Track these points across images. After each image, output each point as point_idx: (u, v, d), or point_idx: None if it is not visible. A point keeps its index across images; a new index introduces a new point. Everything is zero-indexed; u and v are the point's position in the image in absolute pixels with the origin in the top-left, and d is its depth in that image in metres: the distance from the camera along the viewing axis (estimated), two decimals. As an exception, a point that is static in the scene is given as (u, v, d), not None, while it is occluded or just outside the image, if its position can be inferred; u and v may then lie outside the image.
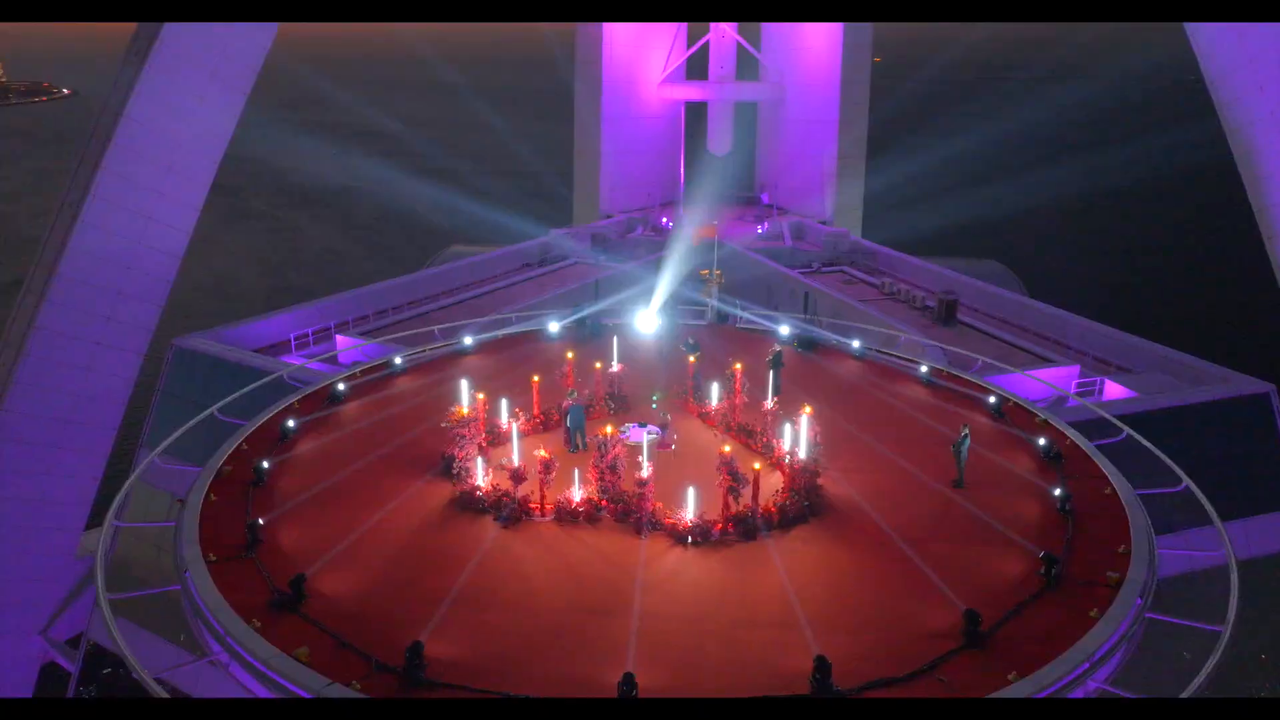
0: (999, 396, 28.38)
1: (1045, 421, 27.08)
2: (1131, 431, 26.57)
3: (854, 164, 67.46)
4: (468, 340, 32.24)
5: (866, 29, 64.78)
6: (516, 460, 22.30)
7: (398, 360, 30.68)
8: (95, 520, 45.42)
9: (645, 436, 22.86)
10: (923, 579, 19.50)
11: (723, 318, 36.09)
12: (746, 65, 71.37)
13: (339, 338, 44.40)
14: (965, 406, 28.32)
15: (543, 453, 22.09)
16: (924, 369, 30.40)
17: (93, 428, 45.63)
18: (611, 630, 17.95)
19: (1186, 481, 23.65)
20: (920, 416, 27.44)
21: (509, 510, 21.82)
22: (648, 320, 34.08)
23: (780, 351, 28.32)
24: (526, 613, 18.67)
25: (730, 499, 21.23)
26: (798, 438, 22.77)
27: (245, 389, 28.96)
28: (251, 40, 47.80)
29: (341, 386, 28.40)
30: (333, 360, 40.73)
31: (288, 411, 27.04)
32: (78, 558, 45.90)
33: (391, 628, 17.83)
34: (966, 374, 30.68)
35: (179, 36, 44.69)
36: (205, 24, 45.59)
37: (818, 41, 66.59)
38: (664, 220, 64.12)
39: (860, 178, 68.27)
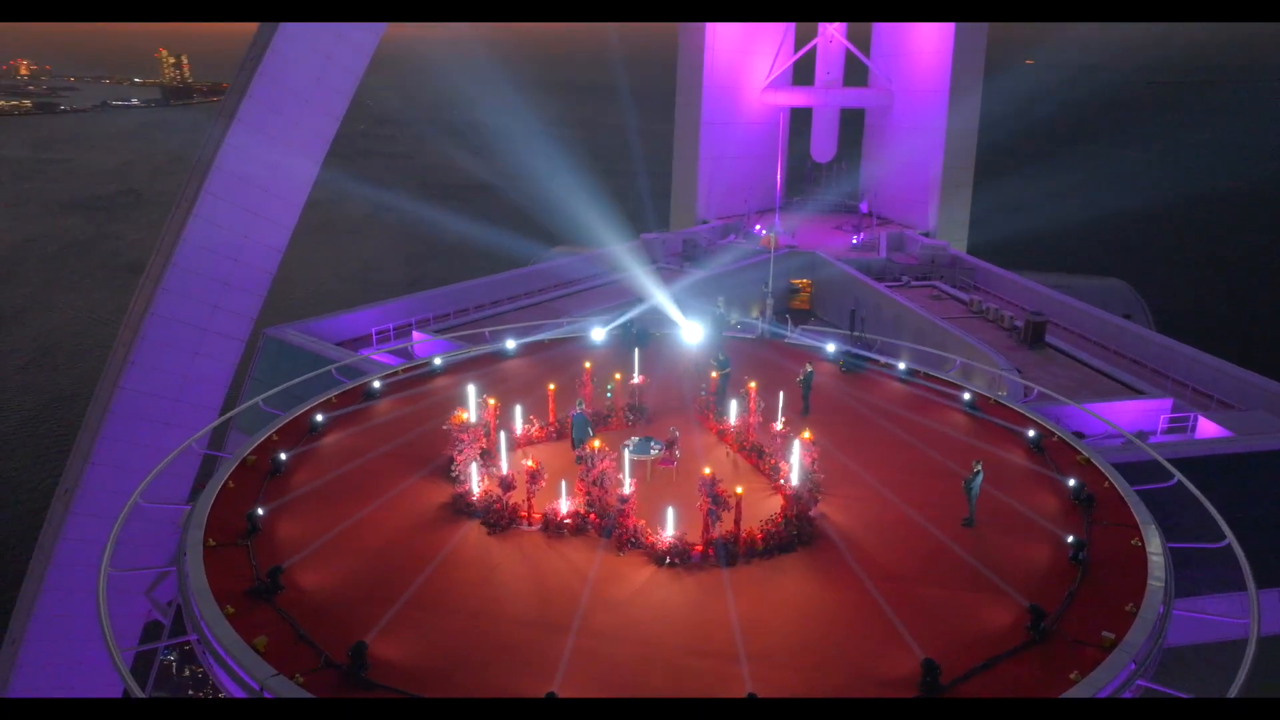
0: (1040, 430, 26.64)
1: (1086, 460, 25.21)
2: (1182, 477, 24.42)
3: (961, 174, 64.67)
4: (510, 344, 32.82)
5: (980, 32, 61.92)
6: (505, 468, 22.58)
7: (437, 361, 31.57)
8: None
9: (629, 453, 22.56)
10: (892, 622, 18.54)
11: (775, 333, 35.28)
12: (853, 71, 69.53)
13: (415, 334, 46.09)
14: (1002, 439, 26.74)
15: (529, 462, 22.28)
16: (966, 396, 28.85)
17: (197, 408, 49.04)
18: (559, 646, 17.90)
19: (1229, 538, 21.54)
20: (950, 447, 26.04)
21: (496, 517, 22.14)
22: (693, 331, 33.77)
23: (811, 372, 27.53)
24: (484, 621, 18.87)
25: (709, 522, 20.82)
26: (791, 463, 22.07)
27: (292, 381, 30.51)
28: (354, 47, 50.32)
29: (377, 384, 29.46)
30: (405, 354, 42.52)
31: (324, 406, 28.32)
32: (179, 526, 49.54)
33: (352, 624, 18.38)
34: (1014, 403, 28.91)
35: (289, 39, 47.35)
36: (313, 27, 48.28)
37: (929, 45, 64.18)
38: (756, 228, 63.31)
39: (968, 188, 65.37)
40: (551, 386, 26.75)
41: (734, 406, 26.48)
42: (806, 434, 22.61)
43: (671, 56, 68.61)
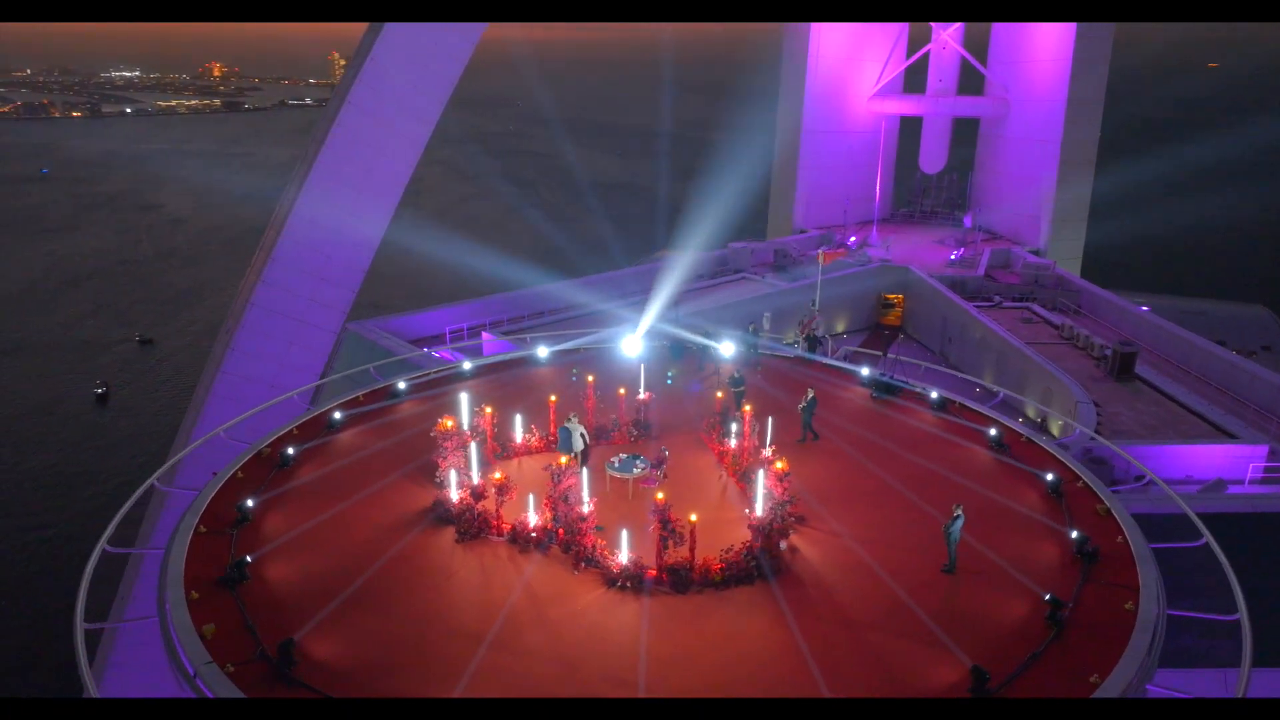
0: (1065, 473, 24.71)
1: (1106, 510, 23.21)
2: (1210, 538, 22.09)
3: (1077, 188, 60.58)
4: (541, 352, 33.23)
5: (1105, 38, 57.79)
6: (476, 478, 22.94)
7: (466, 365, 32.36)
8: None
9: (611, 470, 22.47)
10: (827, 671, 17.66)
11: (810, 355, 34.19)
12: (969, 78, 66.34)
13: (484, 334, 47.37)
14: (1019, 480, 24.97)
15: (498, 475, 22.55)
16: (993, 431, 27.09)
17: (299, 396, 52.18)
18: (474, 659, 18.05)
19: (1240, 612, 19.36)
20: (957, 486, 24.51)
21: (466, 526, 22.54)
22: (727, 346, 33.22)
23: (814, 398, 26.58)
24: (416, 627, 19.19)
25: (660, 547, 20.47)
26: (756, 492, 21.40)
27: (328, 378, 32.00)
28: (453, 50, 52.17)
29: (402, 385, 30.47)
30: (472, 353, 43.80)
31: (351, 403, 29.57)
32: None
33: (298, 619, 19.16)
34: (1044, 441, 26.90)
35: (391, 41, 49.53)
36: (414, 32, 50.34)
37: (1049, 51, 60.42)
38: (851, 240, 61.40)
39: (1085, 204, 61.16)
40: (553, 398, 26.94)
41: (733, 428, 25.90)
42: (779, 464, 21.87)
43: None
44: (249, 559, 20.84)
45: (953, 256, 59.16)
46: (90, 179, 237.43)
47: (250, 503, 23.18)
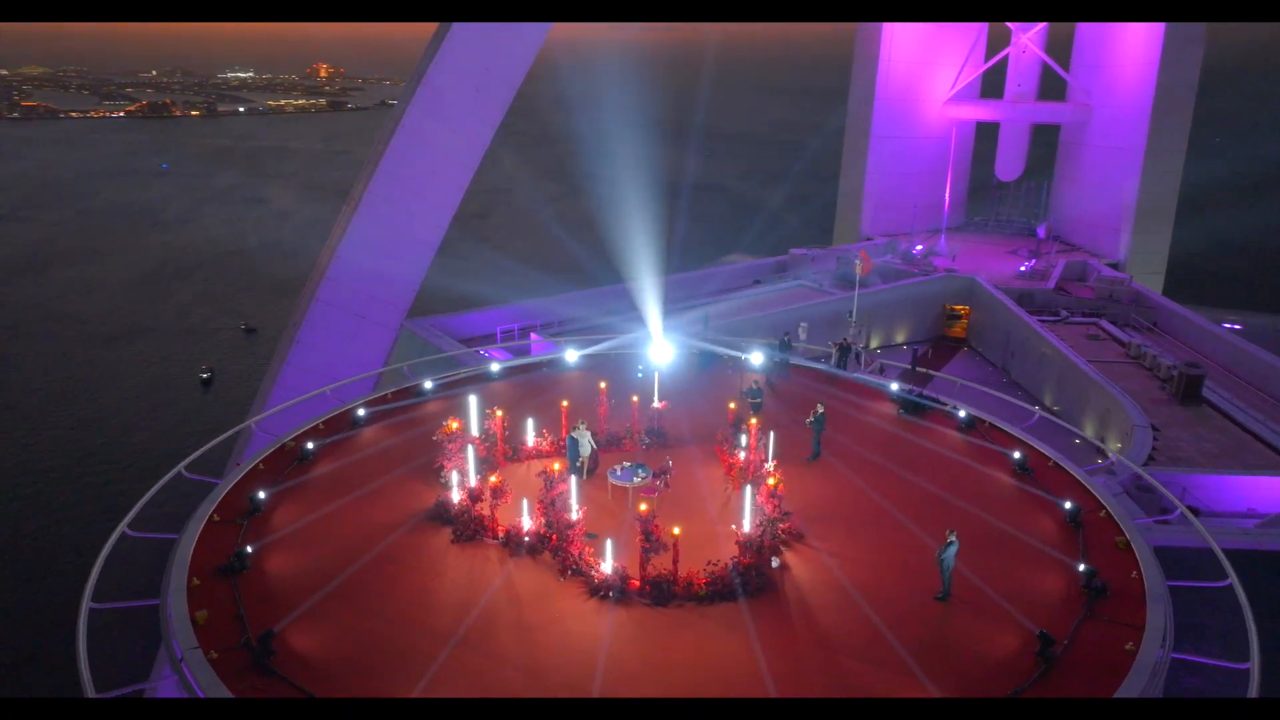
0: (1088, 503, 23.54)
1: (1125, 543, 22.02)
2: (1234, 578, 20.73)
3: (1162, 200, 57.65)
4: (569, 357, 33.38)
5: (1196, 42, 54.77)
6: (473, 480, 23.23)
7: (495, 367, 32.79)
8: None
9: (613, 478, 22.43)
10: (791, 696, 17.26)
11: (840, 368, 33.42)
12: (1050, 84, 63.78)
13: (533, 335, 47.91)
14: (1036, 507, 23.91)
15: (494, 479, 22.78)
16: (1016, 455, 26.00)
17: (350, 388, 53.89)
18: (445, 662, 18.28)
19: (1252, 661, 18.11)
20: (965, 511, 23.62)
21: (463, 528, 22.85)
22: (757, 356, 32.76)
23: (823, 413, 25.97)
24: (400, 625, 19.56)
25: (642, 559, 20.36)
26: (744, 507, 21.06)
27: (362, 375, 32.88)
28: (514, 59, 52.93)
29: (429, 385, 31.09)
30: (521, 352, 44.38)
31: (378, 401, 30.35)
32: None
33: (286, 610, 19.78)
34: (1071, 467, 25.65)
35: (455, 47, 50.48)
36: (477, 40, 51.21)
37: (1136, 56, 57.62)
38: (916, 248, 59.76)
39: (1169, 216, 58.06)
40: (565, 403, 27.05)
41: (742, 440, 25.55)
42: (771, 480, 21.48)
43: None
44: (249, 549, 21.60)
45: (1023, 268, 56.97)
46: (205, 174, 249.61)
47: (262, 494, 24.00)
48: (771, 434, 24.40)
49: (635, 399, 27.61)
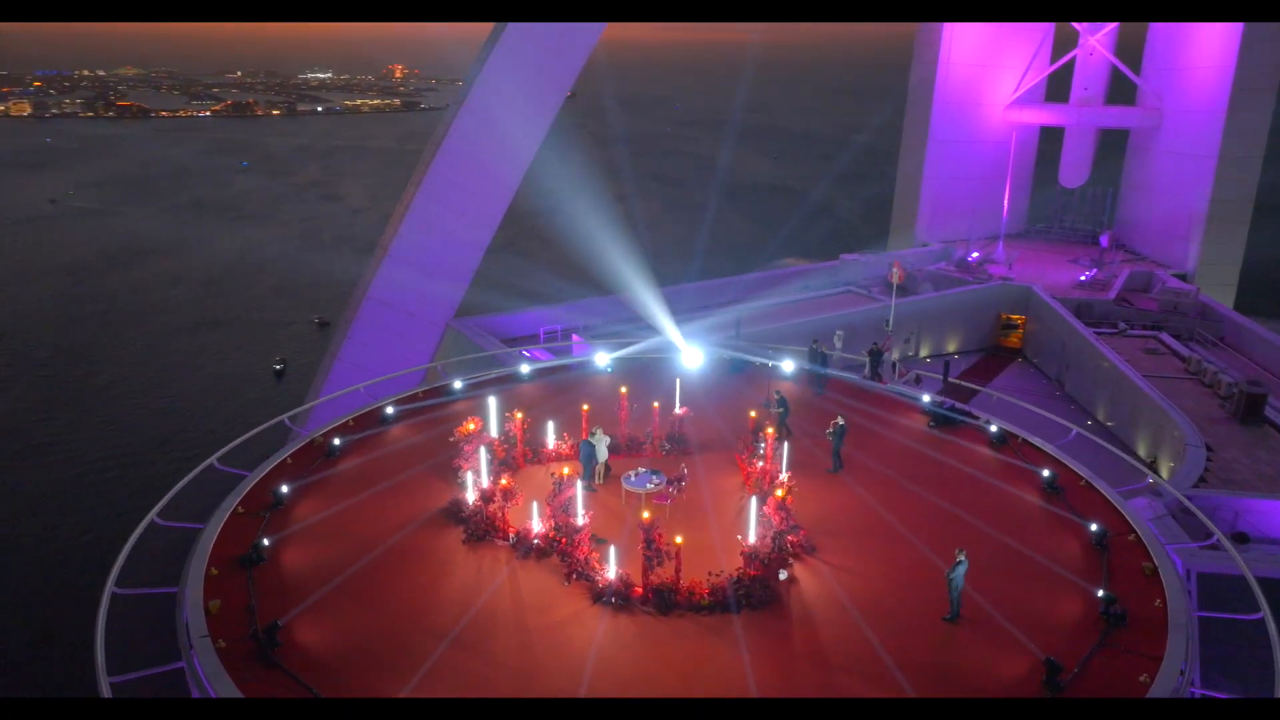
0: (1116, 526, 22.66)
1: (1153, 570, 21.12)
2: (1268, 613, 19.69)
3: (1235, 209, 55.09)
4: (600, 361, 33.40)
5: (1275, 45, 52.21)
6: (485, 481, 23.43)
7: (524, 369, 33.02)
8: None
9: (627, 484, 22.41)
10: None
11: (874, 373, 32.78)
12: (1118, 87, 61.54)
13: (574, 336, 48.10)
14: (1061, 528, 23.10)
15: (505, 481, 22.94)
16: (1046, 473, 25.15)
17: (399, 384, 54.94)
18: (440, 662, 18.45)
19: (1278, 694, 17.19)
20: (983, 531, 22.91)
21: (474, 528, 23.07)
22: (789, 363, 32.41)
23: (843, 425, 25.50)
24: (402, 622, 19.84)
25: (645, 567, 20.27)
26: (750, 519, 20.80)
27: (387, 375, 33.45)
28: (566, 61, 53.28)
29: (458, 385, 31.47)
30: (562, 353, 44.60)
31: (408, 399, 30.86)
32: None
33: (294, 603, 20.22)
34: (1104, 487, 24.70)
35: (507, 48, 51.03)
36: (529, 41, 51.65)
37: (1210, 58, 55.24)
38: (972, 255, 58.23)
39: (1243, 224, 55.47)
40: (585, 407, 27.10)
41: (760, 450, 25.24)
42: (780, 491, 21.18)
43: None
44: (266, 542, 22.15)
45: (1083, 278, 55.03)
46: (283, 172, 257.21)
47: (285, 488, 24.61)
48: (786, 445, 24.05)
49: (656, 405, 27.51)
